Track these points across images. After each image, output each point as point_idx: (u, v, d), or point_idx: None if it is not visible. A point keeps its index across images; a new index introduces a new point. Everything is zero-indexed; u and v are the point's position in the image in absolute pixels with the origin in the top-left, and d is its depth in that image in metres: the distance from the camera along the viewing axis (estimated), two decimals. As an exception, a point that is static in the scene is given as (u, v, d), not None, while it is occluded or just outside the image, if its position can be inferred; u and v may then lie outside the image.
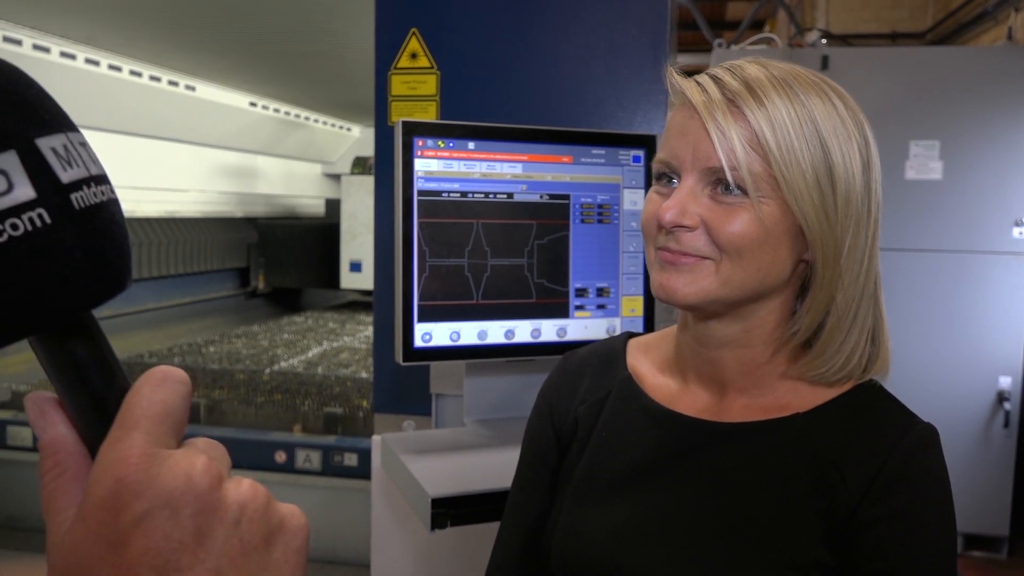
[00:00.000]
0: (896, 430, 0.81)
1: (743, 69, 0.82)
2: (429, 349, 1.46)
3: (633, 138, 1.57)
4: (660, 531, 0.85)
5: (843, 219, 0.80)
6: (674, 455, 0.88)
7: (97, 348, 0.39)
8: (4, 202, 0.34)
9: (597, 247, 1.55)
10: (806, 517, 0.80)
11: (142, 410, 0.37)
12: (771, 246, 0.80)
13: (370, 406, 3.67)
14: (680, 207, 0.80)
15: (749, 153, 0.78)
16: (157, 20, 3.88)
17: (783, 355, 0.86)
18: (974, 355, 3.65)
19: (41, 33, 4.18)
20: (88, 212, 0.37)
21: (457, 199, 1.44)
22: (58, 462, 0.38)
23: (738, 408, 0.88)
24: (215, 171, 6.75)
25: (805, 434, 0.83)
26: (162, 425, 0.37)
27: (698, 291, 0.81)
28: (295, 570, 0.39)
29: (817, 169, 0.78)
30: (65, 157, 0.37)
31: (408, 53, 2.09)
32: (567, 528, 0.90)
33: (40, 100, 0.38)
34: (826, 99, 0.81)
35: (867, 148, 0.82)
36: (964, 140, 3.59)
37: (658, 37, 2.05)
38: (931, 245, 3.64)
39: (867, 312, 0.84)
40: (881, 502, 0.78)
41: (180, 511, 0.35)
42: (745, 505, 0.82)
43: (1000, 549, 3.73)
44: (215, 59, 4.84)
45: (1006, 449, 3.66)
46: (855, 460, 0.80)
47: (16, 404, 4.02)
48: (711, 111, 0.79)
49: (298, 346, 5.36)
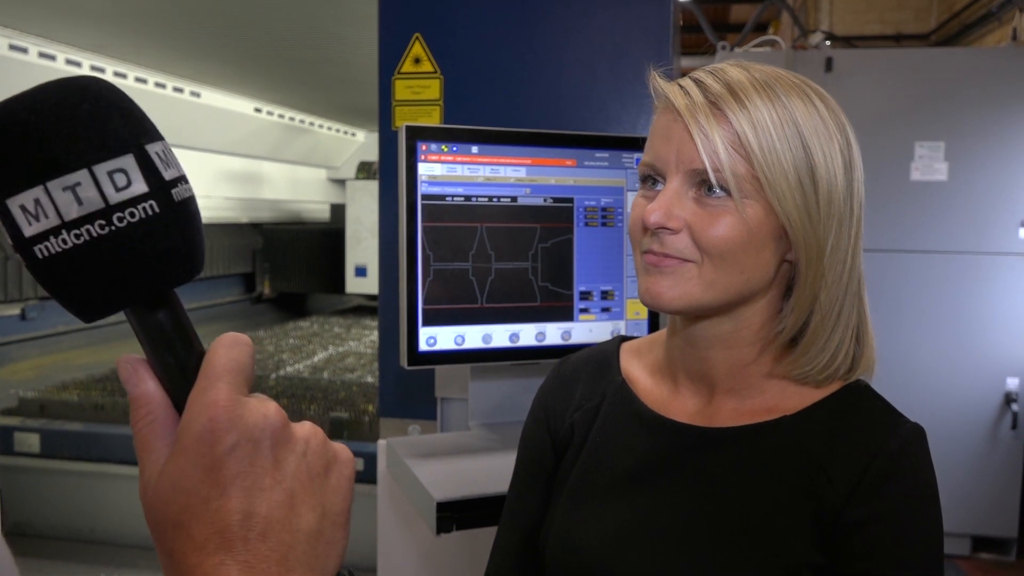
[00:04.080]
0: (882, 430, 0.82)
1: (725, 72, 0.83)
2: (434, 353, 1.46)
3: (637, 141, 1.57)
4: (653, 536, 0.86)
5: (825, 218, 0.81)
6: (666, 461, 0.89)
7: (180, 317, 0.47)
8: (125, 195, 0.43)
9: (601, 250, 1.55)
10: (795, 519, 0.80)
11: (222, 366, 0.45)
12: (754, 248, 0.81)
13: (375, 410, 3.67)
14: (665, 209, 0.81)
15: (732, 155, 0.79)
16: (162, 27, 3.89)
17: (769, 354, 0.87)
18: (981, 357, 3.64)
19: (47, 40, 4.20)
20: (183, 204, 0.46)
21: (461, 203, 1.45)
22: (149, 411, 0.46)
23: (727, 412, 0.88)
24: (220, 177, 6.77)
25: (793, 436, 0.84)
26: (239, 377, 0.45)
27: (682, 294, 0.82)
28: (347, 494, 0.50)
29: (799, 169, 0.79)
30: (164, 159, 0.46)
31: (412, 58, 2.09)
32: (561, 533, 0.91)
33: (142, 113, 0.47)
34: (807, 100, 0.82)
35: (849, 148, 0.84)
36: (969, 141, 3.58)
37: (661, 40, 2.05)
38: (937, 247, 3.63)
39: (851, 310, 0.85)
40: (867, 503, 0.78)
41: (261, 443, 0.44)
42: (736, 509, 0.83)
43: (1008, 551, 3.71)
44: (220, 65, 4.86)
45: (1014, 451, 3.64)
46: (842, 461, 0.80)
47: (23, 410, 4.02)
48: (694, 114, 0.80)
49: (304, 351, 5.37)
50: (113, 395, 4.08)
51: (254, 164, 7.20)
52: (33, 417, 3.95)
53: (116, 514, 3.72)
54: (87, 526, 3.73)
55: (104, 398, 4.02)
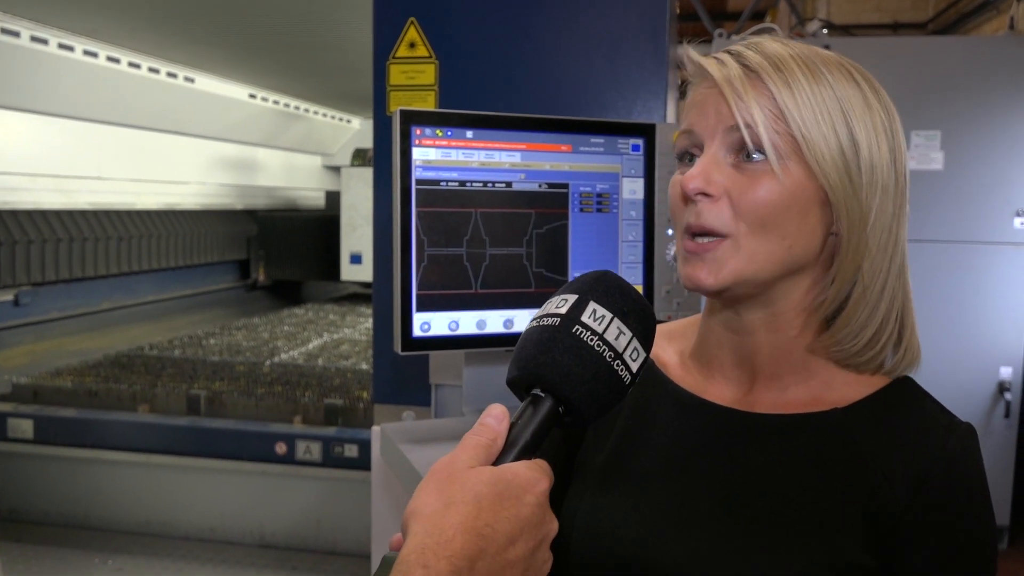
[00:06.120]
0: (939, 431, 0.79)
1: (762, 45, 0.81)
2: (428, 339, 1.45)
3: (632, 127, 1.56)
4: (694, 522, 0.82)
5: (868, 185, 0.79)
6: (707, 445, 0.85)
7: (552, 432, 0.70)
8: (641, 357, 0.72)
9: (596, 236, 1.54)
10: (845, 517, 0.78)
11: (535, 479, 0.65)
12: (796, 213, 0.78)
13: (370, 397, 3.67)
14: (704, 174, 0.79)
15: (767, 115, 0.77)
16: (156, 11, 3.86)
17: (811, 330, 0.84)
18: (975, 346, 3.64)
19: (39, 25, 4.17)
20: None
21: (456, 188, 1.44)
22: (491, 439, 0.67)
23: (767, 402, 0.85)
24: (215, 163, 6.74)
25: (843, 430, 0.81)
26: None
27: (727, 274, 0.79)
28: None
29: (840, 134, 0.78)
30: None
31: (407, 42, 2.08)
32: (589, 519, 0.87)
33: None
34: (845, 73, 0.80)
35: (889, 119, 0.82)
36: (965, 130, 3.58)
37: (658, 27, 2.04)
38: (932, 236, 3.63)
39: (895, 288, 0.82)
40: (931, 508, 0.76)
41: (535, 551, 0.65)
42: (781, 501, 0.80)
43: (1000, 539, 3.73)
44: (214, 51, 4.83)
45: (1007, 439, 3.66)
46: (899, 461, 0.78)
47: (16, 396, 4.01)
48: (730, 81, 0.79)
49: (298, 338, 5.36)
50: (107, 381, 4.07)
51: (249, 151, 7.18)
52: (26, 403, 3.95)
53: (109, 500, 3.72)
54: (81, 512, 3.73)
55: (97, 384, 4.02)
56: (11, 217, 4.84)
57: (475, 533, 0.59)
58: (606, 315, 0.70)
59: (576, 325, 0.69)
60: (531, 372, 0.69)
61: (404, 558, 0.58)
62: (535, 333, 0.70)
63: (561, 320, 0.70)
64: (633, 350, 0.70)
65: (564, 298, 0.72)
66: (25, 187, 4.83)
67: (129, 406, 3.89)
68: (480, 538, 0.59)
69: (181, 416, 3.80)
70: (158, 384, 4.02)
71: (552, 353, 0.68)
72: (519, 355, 0.71)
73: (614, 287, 0.72)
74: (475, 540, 0.59)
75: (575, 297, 0.71)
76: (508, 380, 0.72)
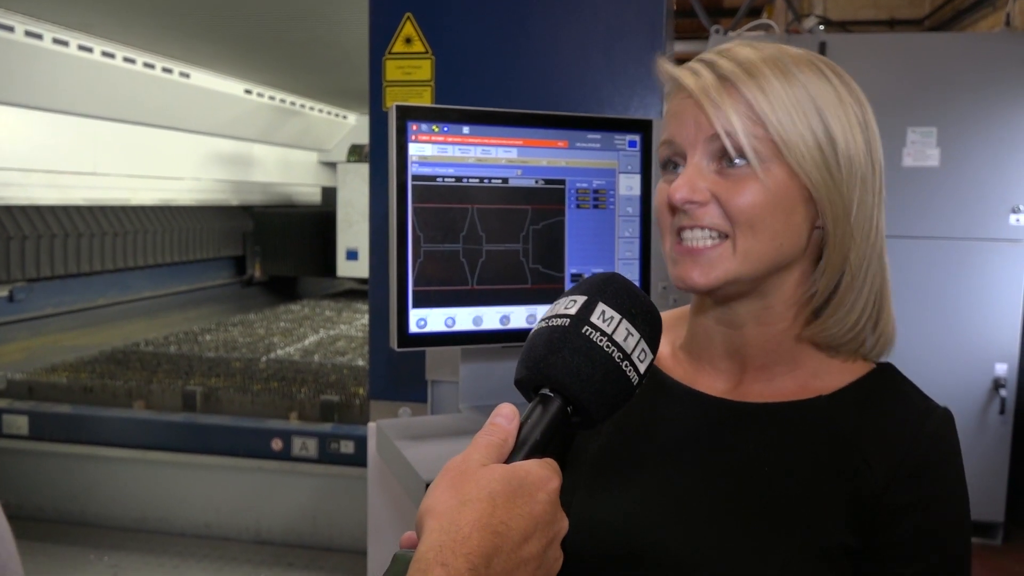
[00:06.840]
0: (917, 415, 0.82)
1: (733, 51, 0.83)
2: (424, 335, 1.45)
3: (629, 123, 1.56)
4: (685, 511, 0.84)
5: (848, 177, 0.81)
6: (696, 435, 0.88)
7: (564, 432, 0.70)
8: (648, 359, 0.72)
9: (593, 232, 1.54)
10: (831, 501, 0.80)
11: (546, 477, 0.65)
12: (783, 213, 0.81)
13: (366, 393, 3.67)
14: (689, 184, 0.81)
15: (745, 121, 0.79)
16: (151, 6, 3.85)
17: (800, 320, 0.87)
18: (970, 342, 3.65)
19: (34, 19, 4.15)
20: None
21: (452, 184, 1.43)
22: (503, 438, 0.66)
23: (756, 393, 0.88)
24: (210, 159, 6.72)
25: (827, 417, 0.84)
26: None
27: (719, 274, 0.82)
28: None
29: (816, 132, 0.80)
30: None
31: (403, 38, 2.07)
32: (583, 509, 0.89)
33: None
34: (818, 72, 0.83)
35: (863, 111, 0.84)
36: (961, 127, 3.58)
37: (655, 23, 2.03)
38: (928, 232, 3.64)
39: (876, 270, 0.86)
40: (907, 490, 0.79)
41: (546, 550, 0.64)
42: (770, 487, 0.83)
43: (995, 535, 3.74)
44: (210, 46, 4.81)
45: (1002, 436, 3.66)
46: (879, 445, 0.81)
47: (11, 392, 4.00)
48: (705, 90, 0.81)
49: (294, 334, 5.36)
50: (102, 377, 4.06)
51: (244, 146, 7.16)
52: (22, 399, 3.94)
53: (105, 496, 3.72)
54: (76, 508, 3.73)
55: (93, 380, 4.01)
56: (6, 213, 4.82)
57: (491, 530, 0.60)
58: (615, 316, 0.71)
59: (586, 326, 0.70)
60: (540, 372, 0.69)
61: (422, 556, 0.59)
62: (544, 333, 0.71)
63: (571, 321, 0.70)
64: (641, 351, 0.71)
65: (573, 299, 0.72)
66: (20, 183, 4.81)
67: (124, 402, 3.88)
68: (496, 535, 0.60)
69: (177, 412, 3.79)
70: (154, 380, 4.01)
71: (562, 353, 0.69)
72: (528, 355, 0.71)
73: (622, 289, 0.73)
74: (491, 537, 0.60)
75: (584, 298, 0.72)
76: (516, 380, 0.72)
